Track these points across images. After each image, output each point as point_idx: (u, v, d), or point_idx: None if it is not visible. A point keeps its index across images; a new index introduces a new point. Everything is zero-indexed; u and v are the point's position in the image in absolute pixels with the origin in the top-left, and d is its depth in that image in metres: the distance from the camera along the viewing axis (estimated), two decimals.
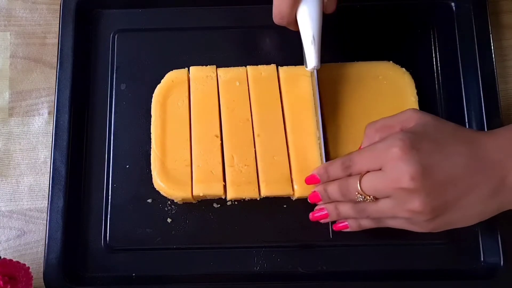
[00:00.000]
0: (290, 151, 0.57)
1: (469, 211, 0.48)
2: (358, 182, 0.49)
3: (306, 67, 0.57)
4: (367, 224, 0.54)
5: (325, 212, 0.54)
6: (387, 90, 0.60)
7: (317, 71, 0.58)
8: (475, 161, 0.47)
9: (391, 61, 0.61)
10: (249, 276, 0.57)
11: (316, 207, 0.55)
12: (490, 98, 0.59)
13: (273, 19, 0.57)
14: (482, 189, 0.47)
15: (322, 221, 0.55)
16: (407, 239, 0.56)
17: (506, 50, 0.64)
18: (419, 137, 0.48)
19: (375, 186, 0.49)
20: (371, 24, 0.64)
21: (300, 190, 0.56)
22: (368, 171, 0.50)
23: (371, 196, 0.49)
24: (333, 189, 0.53)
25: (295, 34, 0.59)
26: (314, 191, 0.55)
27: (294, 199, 0.58)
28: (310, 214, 0.56)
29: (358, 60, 0.61)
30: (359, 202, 0.51)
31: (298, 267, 0.57)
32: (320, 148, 0.57)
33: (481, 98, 0.60)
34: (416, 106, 0.59)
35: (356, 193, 0.50)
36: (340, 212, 0.53)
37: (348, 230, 0.55)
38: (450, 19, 0.64)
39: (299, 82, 0.59)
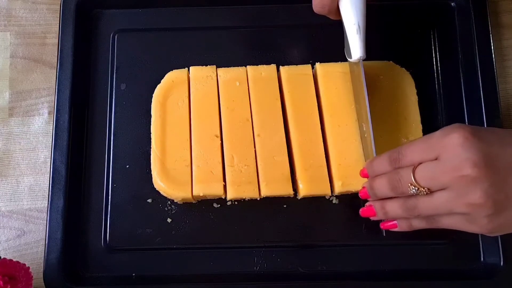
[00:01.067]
0: (297, 150, 0.57)
1: None
2: (412, 172, 0.46)
3: (350, 58, 0.55)
4: (418, 224, 0.51)
5: (373, 209, 0.52)
6: (387, 90, 0.60)
7: (316, 70, 0.58)
8: None
9: (391, 61, 0.61)
10: (249, 276, 0.57)
11: (366, 204, 0.53)
12: (490, 98, 0.59)
13: (313, 7, 0.54)
14: None
15: (371, 218, 0.53)
16: (408, 239, 0.56)
17: (506, 50, 0.64)
18: (478, 128, 0.46)
19: (431, 176, 0.45)
20: (372, 24, 0.64)
21: (305, 189, 0.56)
22: (420, 163, 0.46)
23: (425, 188, 0.46)
24: (380, 184, 0.50)
25: (295, 34, 0.59)
26: (363, 187, 0.53)
27: (299, 198, 0.58)
28: (360, 210, 0.54)
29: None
30: (409, 198, 0.48)
31: (298, 267, 0.57)
32: (368, 143, 0.54)
33: (481, 98, 0.60)
34: (416, 106, 0.59)
35: (409, 184, 0.46)
36: (387, 212, 0.51)
37: (397, 230, 0.52)
38: (450, 19, 0.64)
39: (301, 81, 0.59)
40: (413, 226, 0.51)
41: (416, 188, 0.46)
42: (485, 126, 0.58)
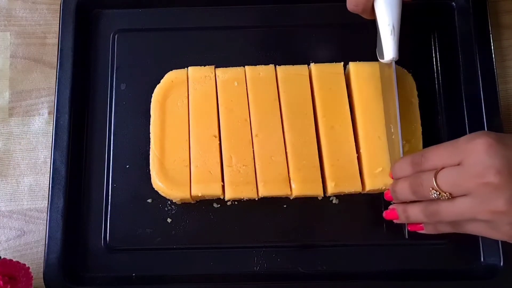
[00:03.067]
0: (290, 150, 0.57)
1: None
2: (434, 177, 0.45)
3: (382, 58, 0.54)
4: (444, 228, 0.50)
5: (395, 213, 0.51)
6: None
7: (314, 70, 0.58)
8: None
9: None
10: (249, 276, 0.57)
11: (389, 206, 0.53)
12: (490, 98, 0.59)
13: (347, 5, 0.53)
14: None
15: (394, 221, 0.53)
16: (407, 239, 0.56)
17: (506, 50, 0.64)
18: (503, 135, 0.45)
19: (454, 181, 0.44)
20: (372, 23, 0.64)
21: (297, 189, 0.56)
22: (443, 167, 0.45)
23: (447, 193, 0.45)
24: (402, 187, 0.49)
25: (294, 34, 0.59)
26: (388, 189, 0.52)
27: (292, 198, 0.58)
28: (384, 213, 0.54)
29: (359, 60, 0.61)
30: (431, 204, 0.47)
31: (298, 267, 0.57)
32: (396, 144, 0.54)
33: (481, 98, 0.60)
34: (417, 107, 0.59)
35: (431, 188, 0.46)
36: (409, 216, 0.50)
37: (424, 232, 0.52)
38: (450, 19, 0.64)
39: (297, 82, 0.59)
40: (438, 229, 0.50)
41: (438, 193, 0.45)
42: (485, 126, 0.58)
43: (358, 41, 0.63)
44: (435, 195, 0.46)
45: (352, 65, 0.60)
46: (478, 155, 0.43)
